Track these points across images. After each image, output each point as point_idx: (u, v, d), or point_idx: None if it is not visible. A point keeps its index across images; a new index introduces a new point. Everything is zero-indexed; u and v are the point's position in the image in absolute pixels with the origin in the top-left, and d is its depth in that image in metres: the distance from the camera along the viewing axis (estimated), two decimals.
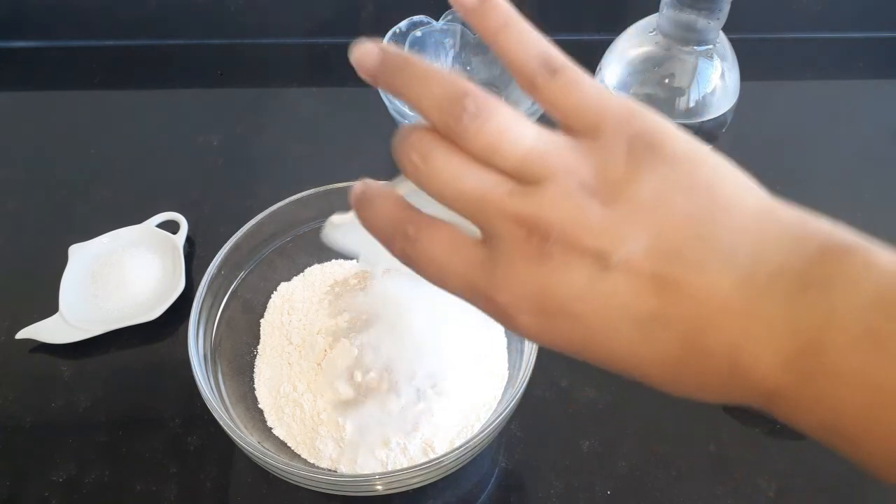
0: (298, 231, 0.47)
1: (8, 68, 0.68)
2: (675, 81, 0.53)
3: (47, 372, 0.47)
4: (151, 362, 0.48)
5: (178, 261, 0.51)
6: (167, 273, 0.51)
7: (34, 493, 0.42)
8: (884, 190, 0.60)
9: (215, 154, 0.61)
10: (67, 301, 0.49)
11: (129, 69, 0.68)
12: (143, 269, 0.50)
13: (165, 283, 0.51)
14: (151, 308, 0.49)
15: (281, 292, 0.47)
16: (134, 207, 0.55)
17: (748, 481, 0.43)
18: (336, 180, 0.46)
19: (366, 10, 0.69)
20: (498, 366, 0.44)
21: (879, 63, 0.72)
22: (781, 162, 0.60)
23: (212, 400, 0.37)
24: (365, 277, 0.46)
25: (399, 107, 0.54)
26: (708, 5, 0.49)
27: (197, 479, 0.43)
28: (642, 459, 0.44)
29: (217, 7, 0.68)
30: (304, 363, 0.43)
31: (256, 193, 0.57)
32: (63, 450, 0.44)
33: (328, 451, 0.40)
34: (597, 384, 0.47)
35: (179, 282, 0.50)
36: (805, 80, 0.70)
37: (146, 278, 0.50)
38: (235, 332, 0.44)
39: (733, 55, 0.54)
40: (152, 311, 0.48)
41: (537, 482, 0.43)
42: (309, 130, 0.63)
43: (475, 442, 0.36)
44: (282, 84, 0.67)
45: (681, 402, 0.46)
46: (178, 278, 0.50)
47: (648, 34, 0.54)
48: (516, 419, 0.45)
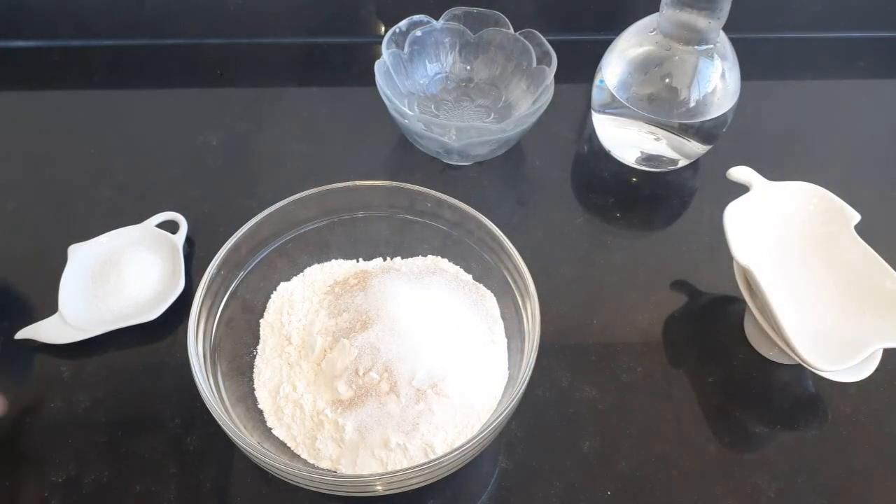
0: (298, 231, 0.47)
1: (8, 68, 0.68)
2: (675, 81, 0.53)
3: (47, 372, 0.47)
4: (151, 363, 0.48)
5: (178, 261, 0.51)
6: (167, 273, 0.51)
7: (34, 494, 0.42)
8: (884, 190, 0.60)
9: (215, 154, 0.61)
10: (67, 301, 0.49)
11: (129, 69, 0.68)
12: (142, 269, 0.50)
13: (165, 283, 0.51)
14: (151, 308, 0.49)
15: (281, 292, 0.47)
16: (134, 207, 0.55)
17: (748, 481, 0.43)
18: (336, 180, 0.46)
19: (366, 9, 0.69)
20: (498, 366, 0.44)
21: (879, 63, 0.72)
22: (781, 162, 0.60)
23: (211, 400, 0.37)
24: (365, 277, 0.46)
25: (399, 106, 0.54)
26: (708, 5, 0.49)
27: (196, 480, 0.43)
28: (642, 459, 0.44)
29: (217, 7, 0.68)
30: (304, 363, 0.43)
31: (256, 193, 0.57)
32: (63, 450, 0.44)
33: (328, 452, 0.40)
34: (597, 384, 0.47)
35: (179, 282, 0.50)
36: (805, 80, 0.70)
37: (146, 278, 0.50)
38: (235, 332, 0.44)
39: (733, 55, 0.54)
40: (152, 312, 0.48)
41: (537, 482, 0.43)
42: (309, 130, 0.63)
43: (475, 442, 0.36)
44: (282, 84, 0.67)
45: (681, 402, 0.47)
46: (177, 278, 0.50)
47: (648, 34, 0.54)
48: (516, 419, 0.45)
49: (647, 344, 0.49)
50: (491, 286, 0.47)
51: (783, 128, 0.65)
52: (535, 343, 0.40)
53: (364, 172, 0.59)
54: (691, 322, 0.51)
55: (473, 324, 0.44)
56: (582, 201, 0.59)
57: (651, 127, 0.55)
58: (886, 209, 0.58)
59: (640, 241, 0.57)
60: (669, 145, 0.57)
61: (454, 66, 0.63)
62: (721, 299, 0.52)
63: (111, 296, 0.49)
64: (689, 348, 0.49)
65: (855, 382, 0.43)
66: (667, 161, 0.58)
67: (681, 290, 0.53)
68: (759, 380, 0.48)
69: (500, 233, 0.44)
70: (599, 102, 0.57)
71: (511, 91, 0.62)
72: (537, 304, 0.41)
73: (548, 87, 0.56)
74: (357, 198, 0.47)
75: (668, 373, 0.48)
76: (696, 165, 0.60)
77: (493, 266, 0.46)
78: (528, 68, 0.60)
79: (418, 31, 0.61)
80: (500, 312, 0.46)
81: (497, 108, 0.62)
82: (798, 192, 0.48)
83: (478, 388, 0.42)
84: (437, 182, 0.59)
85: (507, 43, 0.61)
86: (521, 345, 0.42)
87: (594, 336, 0.50)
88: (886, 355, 0.43)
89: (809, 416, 0.47)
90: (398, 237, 0.49)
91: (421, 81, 0.62)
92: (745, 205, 0.47)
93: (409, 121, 0.55)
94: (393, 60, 0.59)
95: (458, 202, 0.45)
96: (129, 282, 0.50)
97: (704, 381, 0.48)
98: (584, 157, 0.62)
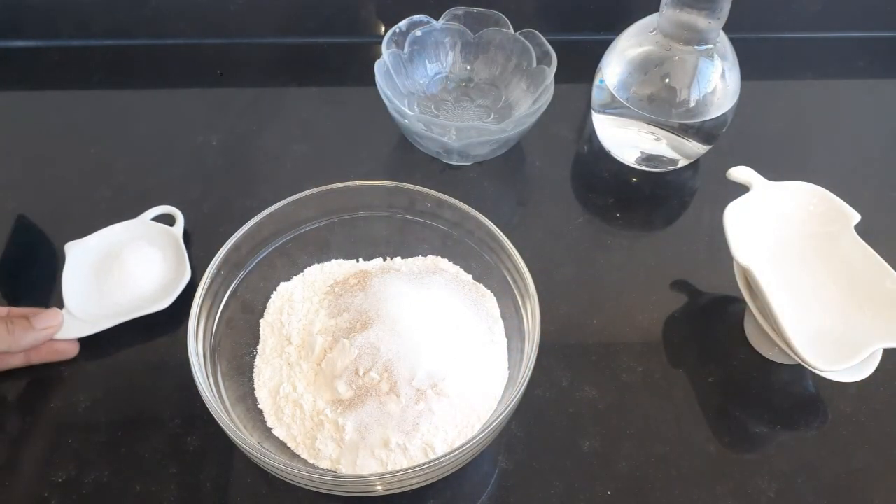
0: (298, 231, 0.47)
1: (8, 68, 0.68)
2: (675, 81, 0.53)
3: (47, 372, 0.47)
4: (151, 362, 0.48)
5: (180, 250, 0.51)
6: (170, 264, 0.51)
7: (34, 494, 0.42)
8: (884, 190, 0.60)
9: (215, 154, 0.61)
10: (71, 297, 0.49)
11: (129, 69, 0.68)
12: (144, 261, 0.50)
13: (170, 273, 0.51)
14: (161, 298, 0.49)
15: (281, 292, 0.47)
16: (133, 207, 0.55)
17: (748, 481, 0.43)
18: (336, 180, 0.46)
19: (366, 9, 0.69)
20: (498, 366, 0.44)
21: (879, 63, 0.72)
22: (781, 162, 0.60)
23: (211, 400, 0.37)
24: (365, 277, 0.46)
25: (399, 106, 0.54)
26: (708, 5, 0.49)
27: (196, 480, 0.43)
28: (642, 459, 0.44)
29: (217, 7, 0.68)
30: (304, 363, 0.43)
31: (256, 193, 0.57)
32: (63, 450, 0.44)
33: (328, 452, 0.40)
34: (597, 384, 0.47)
35: (185, 270, 0.50)
36: (805, 80, 0.70)
37: (150, 270, 0.50)
38: (235, 332, 0.44)
39: (733, 55, 0.54)
40: (163, 301, 0.48)
41: (537, 482, 0.43)
42: (309, 130, 0.63)
43: (475, 442, 0.36)
44: (282, 84, 0.67)
45: (681, 402, 0.47)
46: (182, 267, 0.50)
47: (648, 34, 0.54)
48: (516, 419, 0.45)
49: (647, 344, 0.49)
50: (491, 286, 0.47)
51: (783, 128, 0.65)
52: (535, 343, 0.40)
53: (364, 172, 0.59)
54: (691, 322, 0.51)
55: (473, 324, 0.44)
56: (582, 201, 0.59)
57: (651, 127, 0.55)
58: (886, 209, 0.58)
59: (640, 241, 0.57)
60: (669, 145, 0.57)
61: (454, 66, 0.63)
62: (721, 299, 0.52)
63: (116, 289, 0.49)
64: (689, 348, 0.49)
65: (855, 382, 0.43)
66: (667, 161, 0.58)
67: (681, 290, 0.53)
68: (759, 380, 0.48)
69: (500, 233, 0.44)
70: (599, 102, 0.57)
71: (511, 91, 0.62)
72: (537, 304, 0.41)
73: (548, 87, 0.56)
74: (357, 198, 0.47)
75: (668, 373, 0.48)
76: (696, 165, 0.60)
77: (493, 266, 0.46)
78: (528, 68, 0.60)
79: (418, 31, 0.61)
80: (500, 312, 0.46)
81: (497, 108, 0.62)
82: (798, 192, 0.48)
83: (478, 388, 0.42)
84: (437, 182, 0.59)
85: (507, 43, 0.61)
86: (521, 345, 0.42)
87: (594, 336, 0.50)
88: (886, 355, 0.43)
89: (809, 416, 0.47)
90: (398, 237, 0.49)
91: (421, 81, 0.62)
92: (745, 205, 0.47)
93: (409, 121, 0.55)
94: (393, 60, 0.59)
95: (458, 202, 0.45)
96: (133, 274, 0.50)
97: (704, 381, 0.48)
98: (584, 157, 0.62)
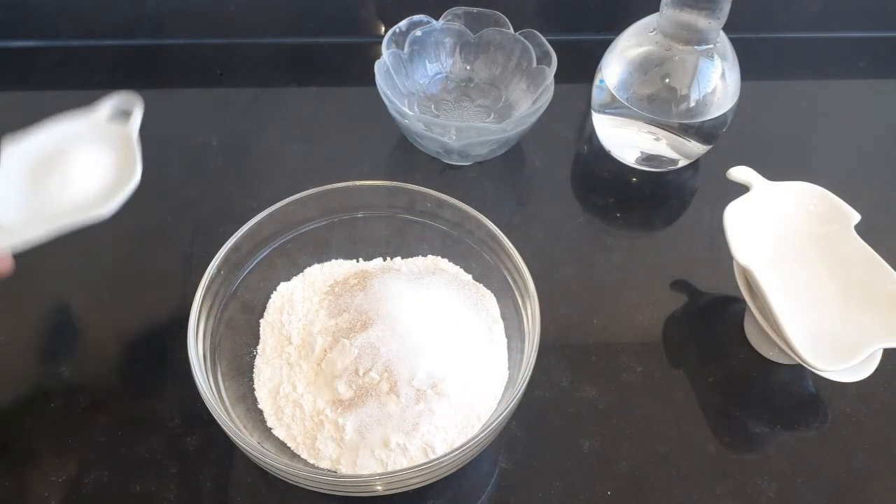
0: (298, 231, 0.47)
1: (8, 68, 0.68)
2: (675, 81, 0.53)
3: (47, 372, 0.47)
4: (151, 363, 0.48)
5: (131, 150, 0.45)
6: (121, 167, 0.45)
7: (34, 494, 0.42)
8: (884, 190, 0.60)
9: (215, 154, 0.61)
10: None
11: (129, 69, 0.68)
12: (91, 163, 0.45)
13: (118, 177, 0.44)
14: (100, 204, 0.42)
15: (281, 292, 0.47)
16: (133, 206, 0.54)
17: (748, 481, 0.43)
18: (336, 180, 0.46)
19: (366, 9, 0.69)
20: (498, 366, 0.44)
21: (879, 63, 0.72)
22: (781, 162, 0.60)
23: (211, 400, 0.37)
24: (365, 277, 0.46)
25: (399, 106, 0.54)
26: (708, 5, 0.49)
27: (196, 480, 0.43)
28: (642, 459, 0.44)
29: (217, 7, 0.68)
30: (304, 363, 0.43)
31: (256, 193, 0.57)
32: (63, 450, 0.44)
33: (328, 452, 0.40)
34: (597, 384, 0.47)
35: (135, 171, 0.44)
36: (805, 80, 0.70)
37: (95, 173, 0.44)
38: (235, 332, 0.44)
39: (733, 55, 0.54)
40: (102, 206, 0.42)
41: (537, 482, 0.43)
42: (309, 130, 0.63)
43: (475, 442, 0.36)
44: (282, 84, 0.67)
45: (681, 402, 0.47)
46: (131, 168, 0.44)
47: (648, 34, 0.54)
48: (516, 419, 0.45)
49: (647, 344, 0.49)
50: (491, 286, 0.47)
51: (783, 128, 0.65)
52: (535, 343, 0.40)
53: (364, 172, 0.59)
54: (691, 322, 0.51)
55: (473, 324, 0.44)
56: (582, 201, 0.59)
57: (651, 127, 0.55)
58: (886, 209, 0.58)
59: (640, 241, 0.57)
60: (669, 145, 0.57)
61: (454, 66, 0.63)
62: (721, 299, 0.52)
63: (53, 192, 0.43)
64: (689, 348, 0.49)
65: (855, 382, 0.43)
66: (667, 161, 0.58)
67: (681, 290, 0.53)
68: (759, 380, 0.48)
69: (500, 233, 0.44)
70: (599, 102, 0.57)
71: (511, 91, 0.62)
72: (537, 304, 0.41)
73: (548, 87, 0.56)
74: (357, 198, 0.47)
75: (668, 373, 0.48)
76: (696, 165, 0.60)
77: (493, 266, 0.46)
78: (528, 68, 0.60)
79: (418, 31, 0.61)
80: (500, 312, 0.46)
81: (497, 108, 0.62)
82: (798, 192, 0.48)
83: (478, 388, 0.42)
84: (437, 182, 0.59)
85: (507, 43, 0.61)
86: (521, 345, 0.42)
87: (594, 336, 0.50)
88: (886, 355, 0.43)
89: (809, 416, 0.47)
90: (398, 237, 0.49)
91: (421, 81, 0.62)
92: (745, 205, 0.47)
93: (409, 121, 0.55)
94: (393, 60, 0.59)
95: (458, 202, 0.45)
96: (75, 177, 0.44)
97: (704, 381, 0.48)
98: (584, 157, 0.62)
